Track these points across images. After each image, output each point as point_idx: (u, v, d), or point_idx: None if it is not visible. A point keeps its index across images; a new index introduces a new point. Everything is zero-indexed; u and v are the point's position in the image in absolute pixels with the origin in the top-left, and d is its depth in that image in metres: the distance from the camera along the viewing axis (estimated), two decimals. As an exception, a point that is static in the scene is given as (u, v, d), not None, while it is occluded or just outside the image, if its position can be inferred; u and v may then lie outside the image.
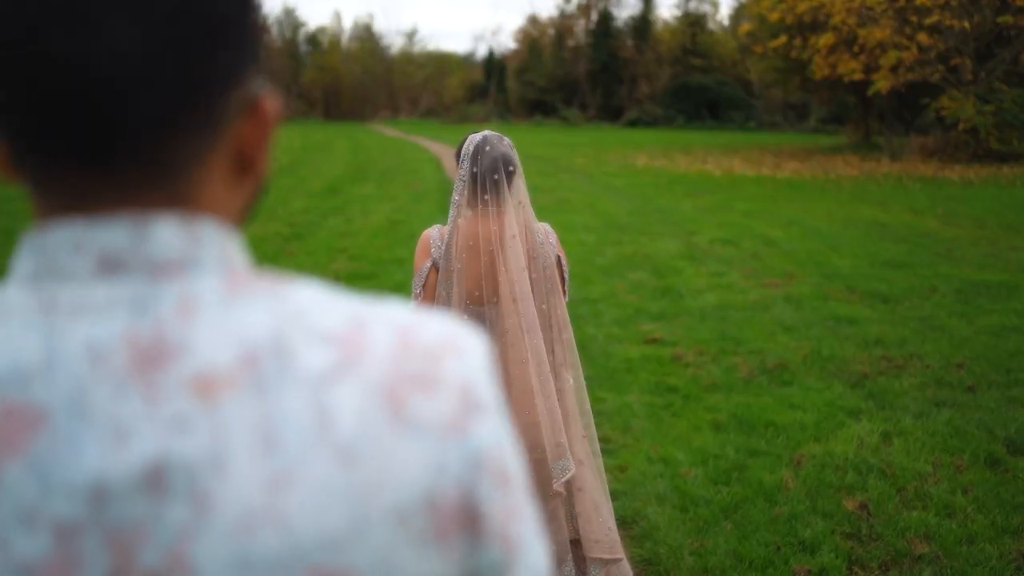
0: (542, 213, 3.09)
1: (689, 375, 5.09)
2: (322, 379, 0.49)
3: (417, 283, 2.41)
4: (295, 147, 27.99)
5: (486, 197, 2.35)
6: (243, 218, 0.57)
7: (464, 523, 0.52)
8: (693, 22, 49.33)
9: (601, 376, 5.05)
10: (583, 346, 5.61)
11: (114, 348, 0.47)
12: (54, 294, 0.48)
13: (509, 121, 48.48)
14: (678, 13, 51.86)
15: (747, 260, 8.89)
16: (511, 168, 2.37)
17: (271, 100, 0.55)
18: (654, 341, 5.79)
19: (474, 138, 2.41)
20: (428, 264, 2.41)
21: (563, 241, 2.67)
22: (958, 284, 7.62)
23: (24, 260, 0.50)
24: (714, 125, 42.91)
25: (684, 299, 7.11)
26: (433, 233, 2.44)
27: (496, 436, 0.54)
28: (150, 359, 0.47)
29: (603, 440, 4.00)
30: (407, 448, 0.50)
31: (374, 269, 8.17)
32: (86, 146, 0.48)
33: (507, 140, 2.42)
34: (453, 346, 0.54)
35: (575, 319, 6.43)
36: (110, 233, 0.49)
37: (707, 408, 4.55)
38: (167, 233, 0.50)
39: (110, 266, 0.49)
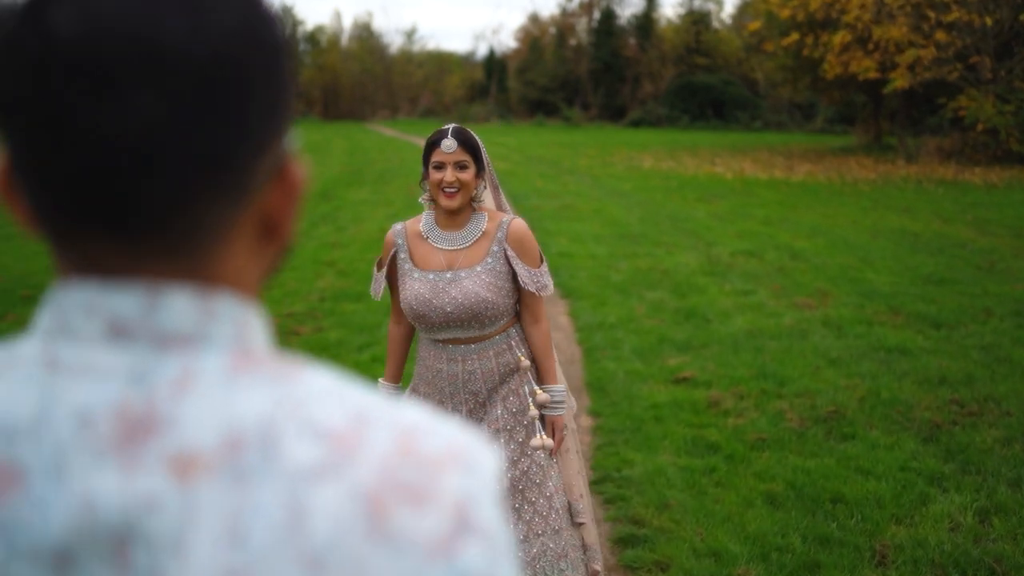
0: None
1: (730, 427, 4.30)
2: (304, 476, 0.47)
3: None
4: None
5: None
6: (264, 282, 0.56)
7: None
8: (697, 20, 48.45)
9: (626, 428, 4.26)
10: (601, 386, 4.83)
11: (103, 415, 0.46)
12: (61, 353, 0.48)
13: (510, 121, 47.73)
14: (681, 11, 51.05)
15: (774, 275, 8.10)
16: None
17: (298, 166, 0.54)
18: (684, 380, 4.99)
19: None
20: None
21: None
22: (1013, 305, 6.83)
23: (44, 315, 0.51)
24: (719, 125, 42.05)
25: (711, 324, 6.32)
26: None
27: (489, 565, 0.48)
28: (135, 431, 0.46)
29: (635, 522, 3.22)
30: (384, 564, 0.46)
31: (363, 288, 7.36)
32: (107, 214, 0.48)
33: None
34: (458, 459, 0.50)
35: (591, 348, 5.67)
36: (122, 300, 0.49)
37: (757, 474, 3.76)
38: (179, 305, 0.49)
39: (119, 332, 0.48)
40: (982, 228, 11.17)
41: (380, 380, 2.57)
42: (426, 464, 0.49)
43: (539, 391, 2.40)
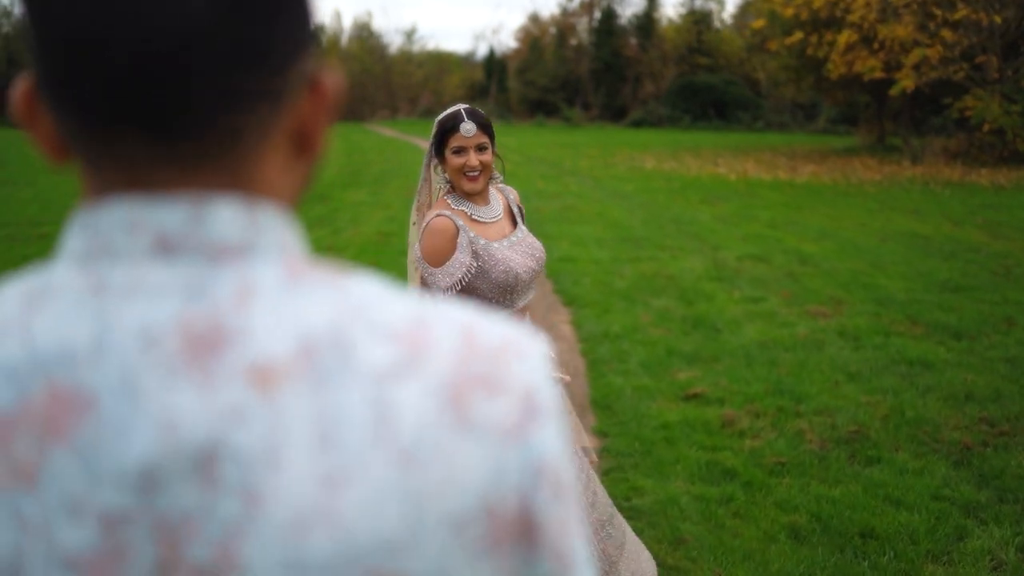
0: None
1: (746, 449, 4.01)
2: (384, 376, 0.47)
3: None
4: (288, 148, 26.90)
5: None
6: (298, 200, 0.55)
7: (520, 533, 0.49)
8: (698, 20, 48.14)
9: (635, 451, 3.97)
10: (607, 404, 4.54)
11: (167, 332, 0.45)
12: (106, 274, 0.47)
13: (510, 121, 47.42)
14: (683, 11, 50.73)
15: (783, 281, 7.81)
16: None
17: (331, 77, 0.54)
18: (695, 397, 4.70)
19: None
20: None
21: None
22: (1036, 313, 6.54)
23: (75, 238, 0.49)
24: (721, 125, 41.74)
25: (721, 334, 6.03)
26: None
27: (555, 444, 0.51)
28: (205, 345, 0.45)
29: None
30: (468, 451, 0.48)
31: (358, 295, 7.08)
32: (150, 117, 0.46)
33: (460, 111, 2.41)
34: (516, 349, 0.52)
35: (595, 361, 5.38)
36: (168, 213, 0.47)
37: (779, 504, 3.47)
38: (227, 216, 0.48)
39: (167, 248, 0.47)
40: (994, 231, 10.89)
41: None
42: (491, 356, 0.50)
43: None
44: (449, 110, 2.44)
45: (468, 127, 2.33)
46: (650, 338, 5.86)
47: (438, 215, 2.34)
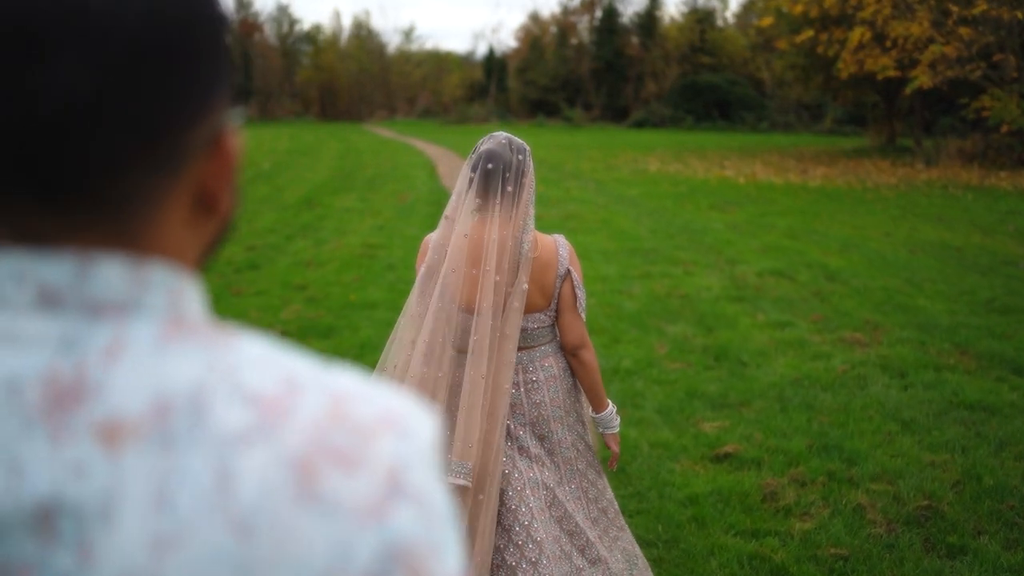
0: (548, 230, 2.38)
1: (796, 535, 3.23)
2: (232, 441, 0.46)
3: (414, 292, 2.35)
4: (280, 150, 26.10)
5: (473, 196, 2.23)
6: (205, 259, 0.56)
7: None
8: (701, 18, 47.30)
9: (658, 539, 3.19)
10: (620, 465, 3.76)
11: (31, 383, 0.45)
12: None
13: (510, 121, 46.62)
14: (685, 9, 49.88)
15: (811, 302, 7.03)
16: (490, 165, 2.20)
17: (232, 136, 0.53)
18: (727, 457, 3.92)
19: (483, 138, 2.31)
20: (423, 269, 2.33)
21: None
22: (1102, 342, 5.77)
23: None
24: (725, 126, 40.91)
25: (747, 369, 5.25)
26: (433, 237, 2.34)
27: (423, 530, 0.48)
28: (63, 399, 0.45)
29: None
30: (311, 527, 0.45)
31: (334, 320, 6.28)
32: (33, 181, 0.47)
33: (514, 143, 2.25)
34: (393, 424, 0.49)
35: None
36: (52, 267, 0.47)
37: (848, 622, 2.69)
38: (111, 273, 0.48)
39: (48, 300, 0.47)
40: (1029, 241, 10.13)
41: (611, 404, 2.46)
42: (358, 429, 0.48)
43: None
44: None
45: None
46: (667, 375, 5.08)
47: (564, 241, 2.34)
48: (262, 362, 0.49)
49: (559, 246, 2.30)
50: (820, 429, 4.26)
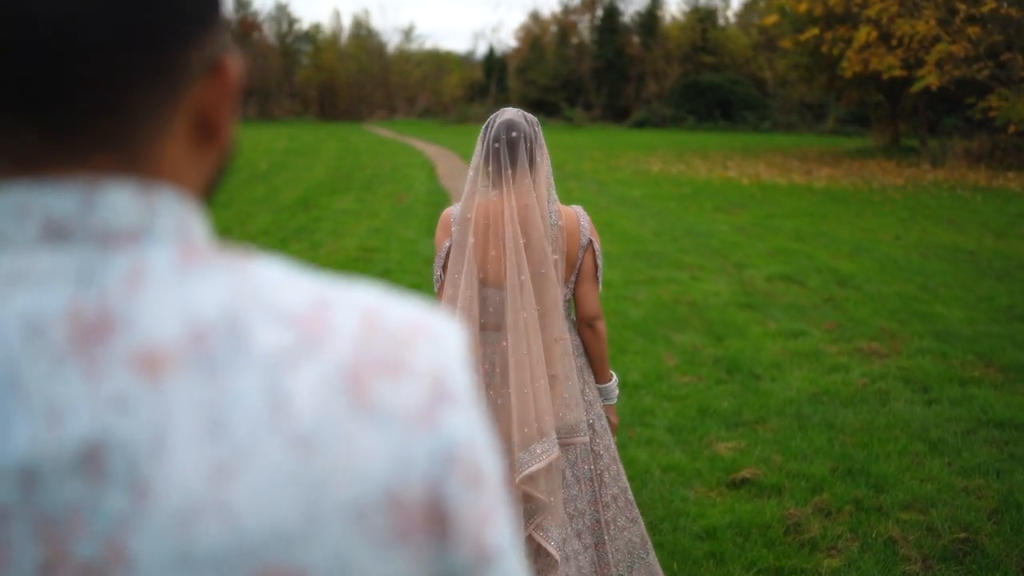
0: None
1: (825, 573, 2.95)
2: (278, 361, 0.45)
3: (438, 264, 2.29)
4: (278, 150, 25.81)
5: (490, 169, 2.21)
6: (208, 190, 0.54)
7: (431, 524, 0.47)
8: (703, 18, 46.99)
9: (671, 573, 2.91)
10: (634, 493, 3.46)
11: (53, 321, 0.43)
12: None
13: (510, 121, 46.26)
14: (687, 8, 49.59)
15: (823, 309, 6.75)
16: (514, 134, 2.18)
17: (233, 61, 0.52)
18: (743, 483, 3.64)
19: (493, 114, 2.28)
20: (448, 243, 2.26)
21: None
22: None
23: None
24: (726, 126, 40.60)
25: (761, 382, 4.98)
26: (453, 211, 2.28)
27: (469, 431, 0.49)
28: (92, 333, 0.44)
29: None
30: (369, 438, 0.46)
31: (327, 329, 6.01)
32: (32, 98, 0.44)
33: (527, 116, 2.25)
34: (425, 332, 0.50)
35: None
36: (58, 198, 0.45)
37: None
38: (120, 200, 0.46)
39: (56, 233, 0.45)
40: (1044, 245, 9.85)
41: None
42: (395, 339, 0.48)
43: None
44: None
45: None
46: (677, 390, 4.80)
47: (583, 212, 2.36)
48: (285, 283, 0.48)
49: (580, 216, 2.31)
50: (843, 450, 3.98)
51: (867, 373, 5.16)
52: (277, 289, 0.47)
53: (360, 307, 0.49)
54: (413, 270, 8.06)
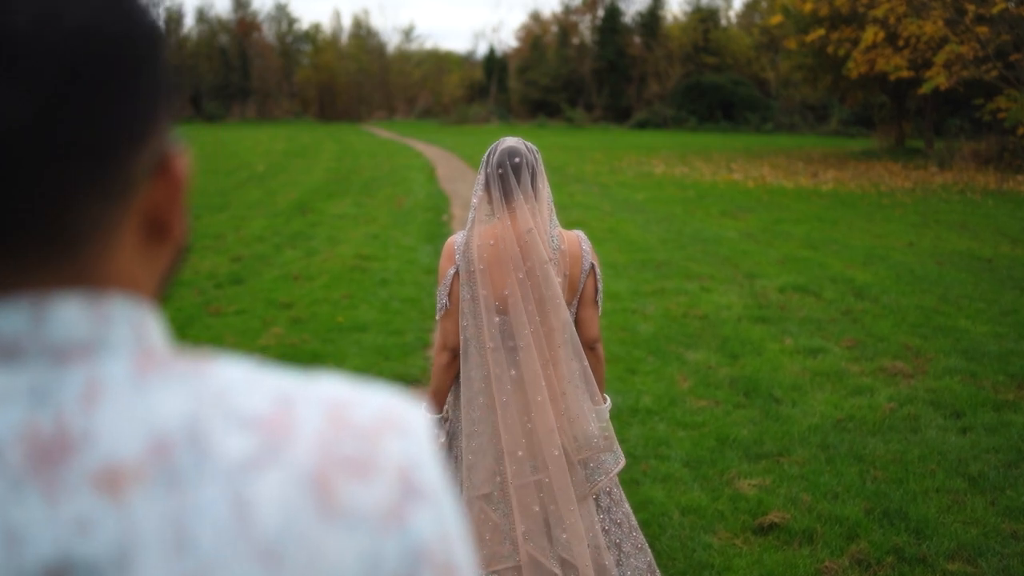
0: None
1: (870, 642, 2.63)
2: (241, 469, 0.44)
3: (442, 293, 2.29)
4: (276, 151, 25.50)
5: (493, 195, 2.24)
6: (162, 288, 0.53)
7: None
8: (705, 18, 46.66)
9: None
10: (649, 541, 3.16)
11: (9, 443, 0.43)
12: None
13: (511, 122, 46.03)
14: (688, 8, 49.28)
15: (842, 323, 6.44)
16: (516, 160, 2.22)
17: (179, 156, 0.51)
18: (771, 528, 3.32)
19: (494, 144, 2.34)
20: (452, 270, 2.28)
21: None
22: None
23: None
24: (728, 127, 40.28)
25: (782, 407, 4.66)
26: (458, 238, 2.31)
27: (439, 525, 0.48)
28: (49, 454, 0.43)
29: None
30: (337, 541, 0.45)
31: (319, 346, 5.68)
32: None
33: (527, 144, 2.29)
34: (392, 424, 0.49)
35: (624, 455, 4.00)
36: (5, 317, 0.45)
37: None
38: (70, 313, 0.46)
39: (8, 353, 0.44)
40: (1063, 252, 9.54)
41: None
42: (362, 434, 0.47)
43: None
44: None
45: None
46: (693, 416, 4.48)
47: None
48: (247, 384, 0.47)
49: (581, 240, 2.34)
50: (876, 488, 3.66)
51: (894, 396, 4.84)
52: (238, 392, 0.46)
53: (324, 402, 0.48)
54: (411, 280, 7.74)
